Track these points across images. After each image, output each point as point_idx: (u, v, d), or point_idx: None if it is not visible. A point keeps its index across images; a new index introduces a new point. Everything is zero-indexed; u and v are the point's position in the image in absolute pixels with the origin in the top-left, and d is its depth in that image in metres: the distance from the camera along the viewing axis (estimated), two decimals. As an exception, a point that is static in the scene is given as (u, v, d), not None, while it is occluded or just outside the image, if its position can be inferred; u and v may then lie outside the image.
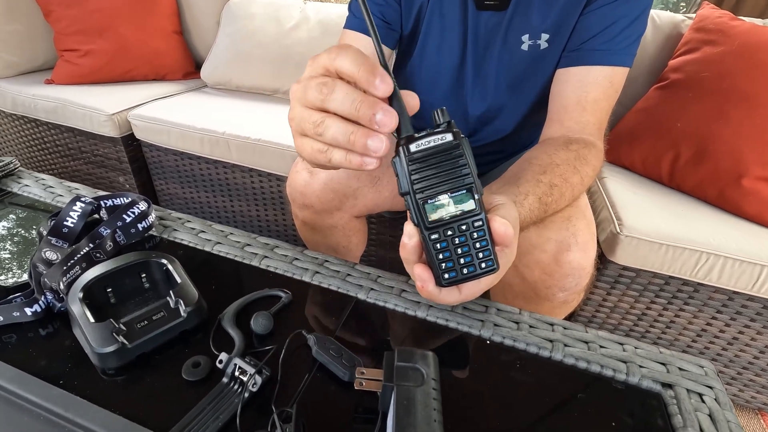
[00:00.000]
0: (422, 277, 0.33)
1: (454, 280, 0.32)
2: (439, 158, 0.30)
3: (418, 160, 0.30)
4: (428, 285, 0.33)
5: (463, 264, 0.32)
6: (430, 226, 0.31)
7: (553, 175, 0.47)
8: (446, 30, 0.63)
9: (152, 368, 0.36)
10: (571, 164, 0.49)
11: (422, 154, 0.29)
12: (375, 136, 0.28)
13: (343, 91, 0.28)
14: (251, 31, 1.39)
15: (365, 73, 0.27)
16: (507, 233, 0.31)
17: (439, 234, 0.31)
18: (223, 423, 0.31)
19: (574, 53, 0.58)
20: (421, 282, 0.33)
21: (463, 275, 0.32)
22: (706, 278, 0.81)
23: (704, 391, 0.37)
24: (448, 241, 0.31)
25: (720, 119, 0.91)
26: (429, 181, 0.30)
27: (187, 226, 0.54)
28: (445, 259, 0.32)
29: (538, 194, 0.44)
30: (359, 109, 0.28)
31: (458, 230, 0.31)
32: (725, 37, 0.96)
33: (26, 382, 0.34)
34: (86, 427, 0.31)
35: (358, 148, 0.28)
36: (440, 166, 0.30)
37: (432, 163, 0.30)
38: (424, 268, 0.33)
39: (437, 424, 0.28)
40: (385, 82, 0.28)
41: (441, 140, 0.30)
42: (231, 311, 0.41)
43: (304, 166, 0.64)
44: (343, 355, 0.36)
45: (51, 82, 1.38)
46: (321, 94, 0.29)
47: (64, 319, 0.40)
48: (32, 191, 0.60)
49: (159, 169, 1.31)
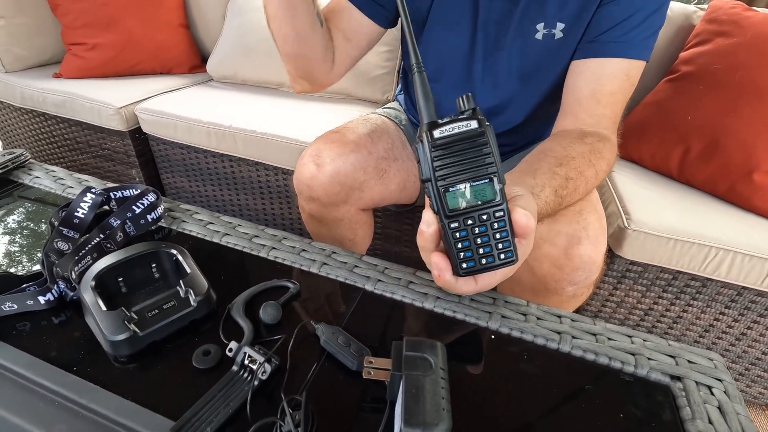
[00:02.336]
0: (439, 265, 0.32)
1: (472, 269, 0.32)
2: (463, 146, 0.29)
3: (441, 147, 0.29)
4: (445, 274, 0.33)
5: (482, 254, 0.31)
6: (450, 215, 0.30)
7: (569, 168, 0.46)
8: (456, 15, 0.61)
9: (163, 356, 0.37)
10: (587, 157, 0.48)
11: (445, 141, 0.29)
12: None
13: None
14: (257, 24, 1.39)
15: None
16: (528, 224, 0.31)
17: (459, 223, 0.31)
18: (233, 410, 0.32)
19: (591, 45, 0.56)
20: (438, 270, 0.33)
21: (482, 265, 0.32)
22: (715, 273, 0.81)
23: (713, 383, 0.36)
24: (468, 231, 0.31)
25: (731, 113, 0.90)
26: (451, 168, 0.29)
27: (195, 218, 0.55)
28: (464, 248, 0.31)
29: (554, 186, 0.44)
30: None
31: (479, 220, 0.30)
32: (738, 29, 0.94)
33: (41, 368, 0.35)
34: (99, 412, 0.32)
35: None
36: (464, 154, 0.29)
37: (455, 150, 0.29)
38: (442, 257, 0.32)
39: (446, 412, 0.28)
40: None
41: (466, 127, 0.29)
42: (240, 301, 0.41)
43: (310, 159, 0.64)
44: (351, 345, 0.37)
45: (59, 75, 1.39)
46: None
47: (77, 308, 0.40)
48: (43, 183, 0.61)
49: (166, 162, 1.32)
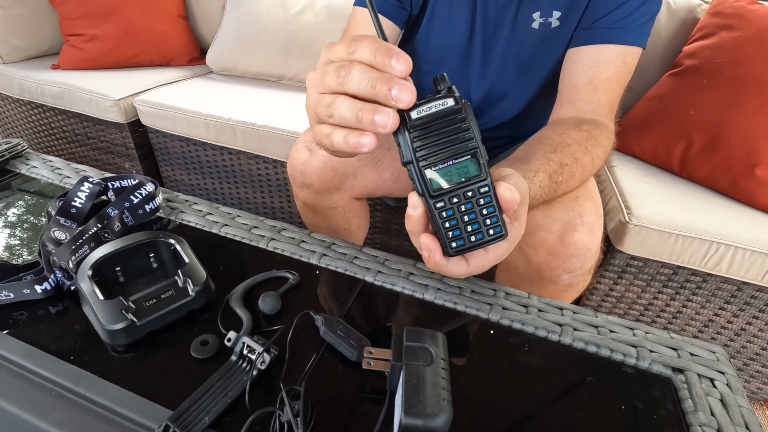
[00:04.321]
0: (429, 246, 0.32)
1: (461, 248, 0.31)
2: (442, 124, 0.29)
3: (419, 127, 0.29)
4: (435, 255, 0.32)
5: (470, 231, 0.31)
6: (435, 194, 0.30)
7: (564, 155, 0.46)
8: (455, 6, 0.61)
9: (161, 346, 0.36)
10: (583, 144, 0.48)
11: (424, 121, 0.29)
12: (383, 111, 0.28)
13: (359, 71, 0.28)
14: (257, 16, 1.37)
15: (382, 56, 0.28)
16: (513, 197, 0.31)
17: (444, 202, 0.30)
18: (231, 400, 0.31)
19: (587, 32, 0.56)
20: (427, 252, 0.32)
21: (471, 243, 0.31)
22: (716, 268, 0.81)
23: (715, 376, 0.36)
24: (454, 209, 0.30)
25: (735, 107, 0.89)
26: (432, 148, 0.29)
27: (194, 209, 0.54)
28: (451, 227, 0.31)
29: (548, 172, 0.43)
30: (375, 86, 0.28)
31: (464, 197, 0.30)
32: (743, 22, 0.93)
33: (38, 357, 0.34)
34: (97, 401, 0.31)
35: (365, 124, 0.28)
36: (443, 132, 0.29)
37: (434, 129, 0.29)
38: (431, 238, 0.32)
39: (446, 403, 0.28)
40: (402, 61, 0.27)
41: (443, 105, 0.29)
42: (239, 291, 0.41)
43: (304, 145, 0.64)
44: (351, 336, 0.36)
45: (57, 67, 1.38)
46: (339, 78, 0.29)
47: (74, 297, 0.40)
48: (40, 172, 0.60)
49: (165, 155, 1.31)
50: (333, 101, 0.29)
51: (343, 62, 0.29)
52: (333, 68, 0.29)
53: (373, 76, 0.28)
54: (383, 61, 0.27)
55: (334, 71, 0.29)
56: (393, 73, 0.28)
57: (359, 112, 0.28)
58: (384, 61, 0.27)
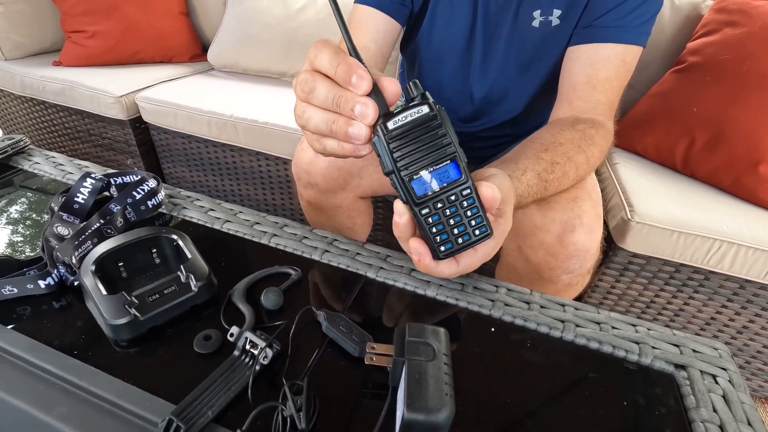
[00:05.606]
0: (418, 250, 0.33)
1: (450, 251, 0.32)
2: (419, 132, 0.29)
3: (397, 137, 0.29)
4: (425, 258, 0.33)
5: (457, 234, 0.31)
6: (419, 202, 0.31)
7: (556, 153, 0.46)
8: (456, 4, 0.61)
9: (164, 341, 0.36)
10: (576, 143, 0.48)
11: (401, 131, 0.29)
12: (355, 124, 0.29)
13: (322, 89, 0.29)
14: (258, 13, 1.37)
15: (342, 73, 0.28)
16: (494, 196, 0.31)
17: (429, 208, 0.31)
18: (234, 394, 0.32)
19: (586, 30, 0.56)
20: (417, 256, 0.33)
21: (459, 245, 0.32)
22: (718, 266, 0.80)
23: (718, 372, 0.36)
24: (440, 214, 0.31)
25: (738, 104, 0.89)
26: (411, 156, 0.29)
27: (196, 205, 0.54)
28: (438, 231, 0.31)
29: (537, 170, 0.43)
30: (339, 105, 0.29)
31: (447, 201, 0.31)
32: (747, 18, 0.92)
33: (42, 351, 0.34)
34: (100, 395, 0.32)
35: (340, 137, 0.29)
36: (421, 140, 0.29)
37: (412, 137, 0.29)
38: (420, 242, 0.33)
39: (449, 398, 0.28)
40: (363, 79, 0.28)
41: (418, 113, 0.29)
42: (241, 287, 0.41)
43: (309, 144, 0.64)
44: (353, 331, 0.36)
45: (59, 63, 1.38)
46: (304, 93, 0.30)
47: (77, 293, 0.40)
48: (42, 168, 0.61)
49: (167, 152, 1.31)
50: (304, 111, 0.30)
51: (307, 76, 0.30)
52: (300, 80, 0.30)
53: (336, 94, 0.29)
54: (345, 78, 0.28)
55: (300, 84, 0.30)
56: (355, 92, 0.28)
57: (333, 125, 0.29)
58: (345, 79, 0.28)
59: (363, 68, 0.28)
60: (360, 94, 0.28)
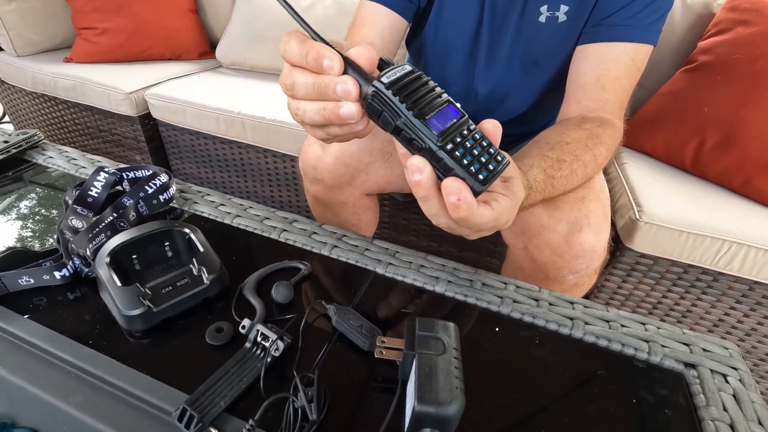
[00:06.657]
0: (456, 185, 0.29)
1: (488, 178, 0.31)
2: (411, 81, 0.30)
3: (394, 85, 0.29)
4: (465, 193, 0.29)
5: (484, 162, 0.31)
6: (441, 138, 0.29)
7: (562, 152, 0.46)
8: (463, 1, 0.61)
9: (177, 332, 0.37)
10: (583, 142, 0.48)
11: (395, 80, 0.29)
12: (343, 105, 0.29)
13: (300, 83, 0.30)
14: (266, 11, 1.38)
15: (313, 60, 0.29)
16: (495, 128, 0.32)
17: (452, 143, 0.30)
18: (246, 385, 0.32)
19: (595, 29, 0.55)
20: (456, 193, 0.29)
21: (491, 171, 0.31)
22: (727, 267, 0.80)
23: (728, 371, 0.36)
24: (463, 147, 0.30)
25: (750, 104, 0.87)
26: (414, 99, 0.29)
27: (207, 200, 0.55)
28: (469, 163, 0.30)
29: (543, 167, 0.43)
30: (320, 92, 0.29)
31: (462, 136, 0.31)
32: (760, 17, 0.91)
33: (58, 341, 0.35)
34: (116, 384, 0.32)
35: (335, 121, 0.30)
36: (417, 89, 0.30)
37: (408, 88, 0.30)
38: (455, 179, 0.30)
39: (459, 391, 0.28)
40: (333, 60, 0.28)
41: (402, 71, 0.30)
42: (252, 280, 0.41)
43: (316, 140, 0.64)
44: (363, 325, 0.37)
45: (69, 60, 1.39)
46: (288, 89, 0.31)
47: (91, 284, 0.41)
48: (56, 162, 0.61)
49: (175, 148, 1.32)
50: (297, 107, 0.31)
51: (285, 73, 0.30)
52: (281, 79, 0.31)
53: (315, 82, 0.29)
54: (316, 65, 0.29)
55: (282, 83, 0.31)
56: (330, 74, 0.29)
57: (324, 112, 0.30)
58: (317, 66, 0.29)
59: (330, 49, 0.28)
60: (336, 74, 0.29)
